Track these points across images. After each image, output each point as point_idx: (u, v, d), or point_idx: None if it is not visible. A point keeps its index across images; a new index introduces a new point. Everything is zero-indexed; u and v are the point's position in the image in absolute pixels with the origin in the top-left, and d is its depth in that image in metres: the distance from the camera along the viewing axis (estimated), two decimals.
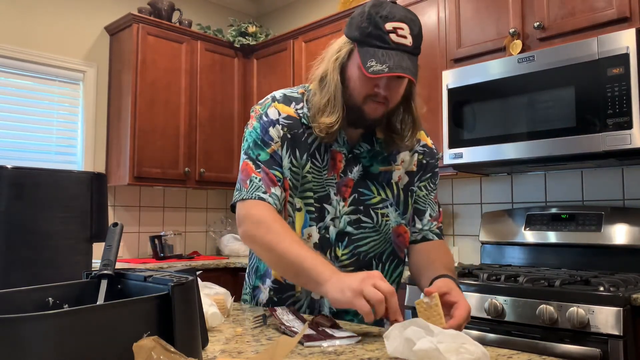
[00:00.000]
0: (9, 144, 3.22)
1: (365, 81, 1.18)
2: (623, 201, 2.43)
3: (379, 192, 1.28)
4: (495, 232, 2.68)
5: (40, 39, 3.35)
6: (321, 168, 1.26)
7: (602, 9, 2.18)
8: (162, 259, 3.37)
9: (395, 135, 1.28)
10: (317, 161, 1.26)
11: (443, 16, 2.73)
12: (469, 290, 2.04)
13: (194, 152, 3.64)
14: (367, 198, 1.27)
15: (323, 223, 1.26)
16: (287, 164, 1.26)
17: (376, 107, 1.20)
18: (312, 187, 1.25)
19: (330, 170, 1.26)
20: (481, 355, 0.81)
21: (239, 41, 3.86)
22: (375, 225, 1.28)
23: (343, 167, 1.27)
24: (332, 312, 1.25)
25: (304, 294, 1.27)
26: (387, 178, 1.30)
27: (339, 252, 1.26)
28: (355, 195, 1.27)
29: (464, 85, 2.48)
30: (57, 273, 1.02)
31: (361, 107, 1.21)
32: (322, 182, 1.26)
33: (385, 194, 1.29)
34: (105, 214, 1.14)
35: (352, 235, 1.26)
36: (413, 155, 1.35)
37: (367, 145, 1.29)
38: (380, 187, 1.29)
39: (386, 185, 1.29)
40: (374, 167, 1.29)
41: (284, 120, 1.28)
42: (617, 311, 1.69)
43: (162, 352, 0.59)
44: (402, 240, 1.32)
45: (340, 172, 1.27)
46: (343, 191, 1.26)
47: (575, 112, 2.12)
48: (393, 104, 1.23)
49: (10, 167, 1.03)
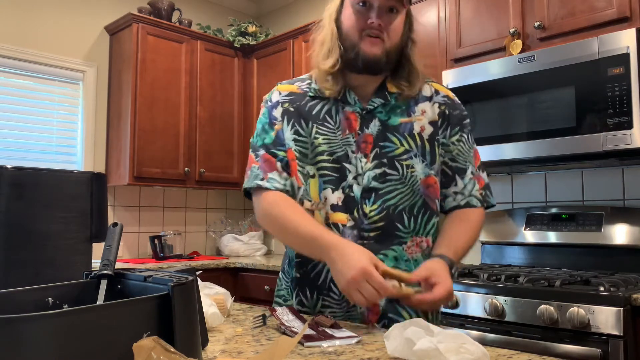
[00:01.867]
0: (9, 144, 3.22)
1: (358, 15, 1.23)
2: (623, 201, 2.43)
3: (402, 143, 1.27)
4: (496, 232, 2.68)
5: (40, 39, 3.35)
6: (335, 129, 1.27)
7: (602, 9, 2.18)
8: (162, 259, 3.37)
9: (404, 85, 1.29)
10: (329, 124, 1.28)
11: (443, 16, 2.73)
12: (469, 291, 2.04)
13: (194, 152, 3.64)
14: (390, 150, 1.26)
15: (346, 182, 1.25)
16: (291, 136, 1.29)
17: (373, 42, 1.22)
18: (327, 149, 1.26)
19: (345, 130, 1.27)
20: (481, 355, 0.81)
21: (239, 41, 3.86)
22: (402, 177, 1.25)
23: (359, 124, 1.27)
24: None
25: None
26: (408, 129, 1.28)
27: (367, 209, 1.24)
28: (377, 149, 1.26)
29: (464, 85, 2.48)
30: (57, 273, 1.02)
31: (358, 44, 1.23)
32: (338, 142, 1.26)
33: (408, 144, 1.27)
34: (105, 214, 1.14)
35: (379, 190, 1.24)
36: (433, 105, 1.33)
37: (381, 99, 1.29)
38: (403, 138, 1.27)
39: (409, 136, 1.27)
40: (392, 119, 1.28)
41: (286, 97, 1.33)
42: (617, 311, 1.69)
43: (162, 352, 0.59)
44: (433, 191, 1.29)
45: (357, 130, 1.27)
46: (363, 148, 1.26)
47: (575, 112, 2.12)
48: (391, 41, 1.24)
49: (10, 167, 1.03)
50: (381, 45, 1.23)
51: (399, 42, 1.27)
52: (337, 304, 1.24)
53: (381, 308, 1.22)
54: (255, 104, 3.85)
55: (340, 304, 1.23)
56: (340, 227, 1.23)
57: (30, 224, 1.02)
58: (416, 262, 1.24)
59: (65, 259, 1.06)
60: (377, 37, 1.22)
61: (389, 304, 1.22)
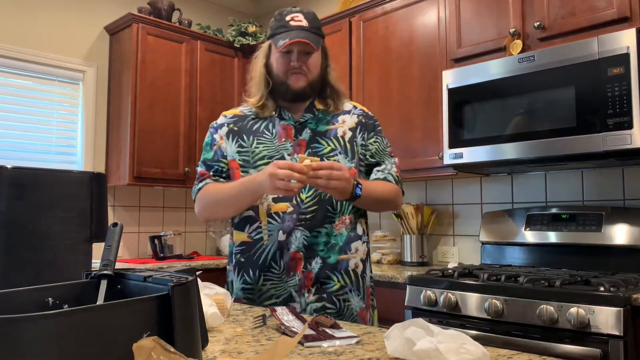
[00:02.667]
0: (9, 144, 3.22)
1: (281, 59, 1.56)
2: (623, 201, 2.43)
3: (328, 144, 1.58)
4: (496, 232, 2.68)
5: (40, 39, 3.35)
6: (272, 139, 1.59)
7: (603, 9, 2.18)
8: (161, 259, 3.36)
9: (330, 102, 1.64)
10: (267, 135, 1.59)
11: (443, 16, 2.73)
12: (469, 291, 2.04)
13: (193, 152, 3.64)
14: (320, 149, 1.57)
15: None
16: (235, 149, 1.60)
17: (297, 78, 1.55)
18: (267, 154, 1.56)
19: (281, 138, 1.58)
20: (481, 355, 0.81)
21: (239, 41, 3.86)
22: None
23: (294, 133, 1.59)
24: (303, 247, 1.51)
25: (269, 241, 1.52)
26: (333, 133, 1.61)
27: (303, 197, 1.52)
28: (310, 150, 1.57)
29: (464, 85, 2.48)
30: (57, 273, 1.02)
31: (286, 81, 1.56)
32: (275, 147, 1.57)
33: (333, 144, 1.59)
34: (105, 214, 1.14)
35: None
36: (352, 116, 1.66)
37: (310, 114, 1.62)
38: (329, 140, 1.59)
39: (334, 139, 1.60)
40: (319, 127, 1.61)
41: (230, 119, 1.67)
42: (617, 311, 1.69)
43: (162, 352, 0.59)
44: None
45: (292, 137, 1.59)
46: (298, 150, 1.57)
47: (575, 112, 2.12)
48: (312, 75, 1.57)
49: (10, 167, 1.03)
50: (304, 79, 1.56)
51: (319, 73, 1.61)
52: (277, 277, 1.51)
53: (314, 274, 1.49)
54: None
55: (280, 276, 1.50)
56: (281, 215, 1.51)
57: (30, 224, 1.02)
58: (342, 235, 1.54)
59: (65, 259, 1.06)
60: (300, 74, 1.55)
61: (321, 271, 1.50)
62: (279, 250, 1.50)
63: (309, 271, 1.49)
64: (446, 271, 2.29)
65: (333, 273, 1.51)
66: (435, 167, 2.71)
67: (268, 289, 1.50)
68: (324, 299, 1.49)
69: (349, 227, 1.56)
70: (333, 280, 1.50)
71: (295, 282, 1.49)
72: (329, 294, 1.49)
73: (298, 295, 1.48)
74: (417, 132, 2.81)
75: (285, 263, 1.49)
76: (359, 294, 1.55)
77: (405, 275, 2.36)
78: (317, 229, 1.50)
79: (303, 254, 1.49)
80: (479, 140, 2.41)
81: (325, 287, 1.49)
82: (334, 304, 1.49)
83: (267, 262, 1.51)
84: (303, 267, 1.49)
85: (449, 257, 3.01)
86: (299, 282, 1.49)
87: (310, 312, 1.48)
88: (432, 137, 2.74)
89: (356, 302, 1.53)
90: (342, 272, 1.52)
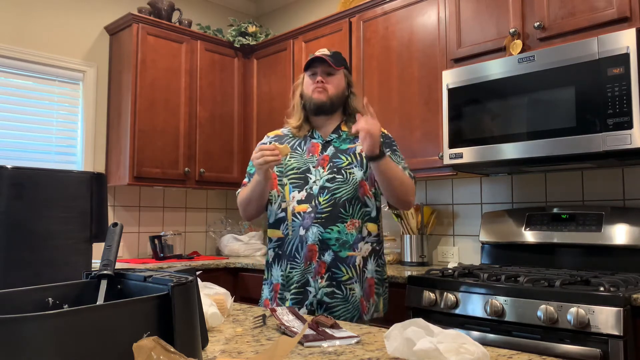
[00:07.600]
0: (9, 144, 3.21)
1: (308, 80, 1.96)
2: (623, 201, 2.43)
3: (347, 159, 1.91)
4: (496, 232, 2.68)
5: (40, 39, 3.35)
6: (302, 154, 1.95)
7: (602, 9, 2.18)
8: (162, 259, 3.36)
9: (351, 124, 1.92)
10: (299, 151, 1.96)
11: (443, 16, 2.73)
12: (469, 291, 2.04)
13: (193, 152, 3.64)
14: (339, 163, 1.90)
15: (308, 185, 1.88)
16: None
17: (318, 91, 1.91)
18: (296, 166, 1.92)
19: (309, 153, 1.94)
20: (481, 355, 0.81)
21: (239, 41, 3.86)
22: (345, 179, 1.87)
23: (320, 149, 1.94)
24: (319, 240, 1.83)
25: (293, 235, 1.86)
26: (352, 151, 1.93)
27: (321, 200, 1.85)
28: (331, 164, 1.90)
29: (464, 85, 2.48)
30: (57, 273, 1.02)
31: (311, 96, 1.92)
32: (304, 161, 1.93)
33: (351, 159, 1.91)
34: (105, 214, 1.14)
35: (330, 188, 1.86)
36: None
37: (335, 135, 1.96)
38: (348, 156, 1.92)
39: (352, 155, 1.92)
40: (342, 146, 1.94)
41: (272, 138, 2.04)
42: (617, 311, 1.69)
43: (162, 352, 0.59)
44: (363, 191, 1.90)
45: (319, 153, 1.94)
46: (321, 163, 1.91)
47: (575, 112, 2.12)
48: (332, 91, 1.92)
49: (10, 167, 1.03)
50: (325, 94, 1.91)
51: (341, 92, 1.95)
52: (298, 265, 1.84)
53: (327, 264, 1.81)
54: (255, 104, 3.85)
55: (300, 265, 1.83)
56: (302, 214, 1.85)
57: (30, 224, 1.02)
58: (352, 235, 1.84)
59: (65, 259, 1.06)
60: (321, 89, 1.91)
61: (332, 262, 1.81)
62: (300, 244, 1.84)
63: (323, 261, 1.81)
64: (446, 271, 2.29)
65: (342, 265, 1.82)
66: (435, 167, 2.71)
67: (294, 275, 1.84)
68: (334, 286, 1.80)
69: (358, 229, 1.86)
70: (342, 271, 1.82)
71: (311, 269, 1.82)
72: (339, 282, 1.81)
73: (313, 281, 1.81)
74: (416, 132, 2.81)
75: (304, 254, 1.82)
76: (361, 285, 1.84)
77: (405, 275, 2.36)
78: (330, 226, 1.82)
79: (318, 247, 1.81)
80: (478, 140, 2.41)
81: (336, 276, 1.81)
82: (341, 291, 1.81)
83: (292, 254, 1.85)
84: (318, 257, 1.81)
85: (449, 257, 3.01)
86: (314, 270, 1.82)
87: (321, 295, 1.79)
88: (432, 137, 2.74)
89: (358, 291, 1.83)
90: (350, 265, 1.83)
